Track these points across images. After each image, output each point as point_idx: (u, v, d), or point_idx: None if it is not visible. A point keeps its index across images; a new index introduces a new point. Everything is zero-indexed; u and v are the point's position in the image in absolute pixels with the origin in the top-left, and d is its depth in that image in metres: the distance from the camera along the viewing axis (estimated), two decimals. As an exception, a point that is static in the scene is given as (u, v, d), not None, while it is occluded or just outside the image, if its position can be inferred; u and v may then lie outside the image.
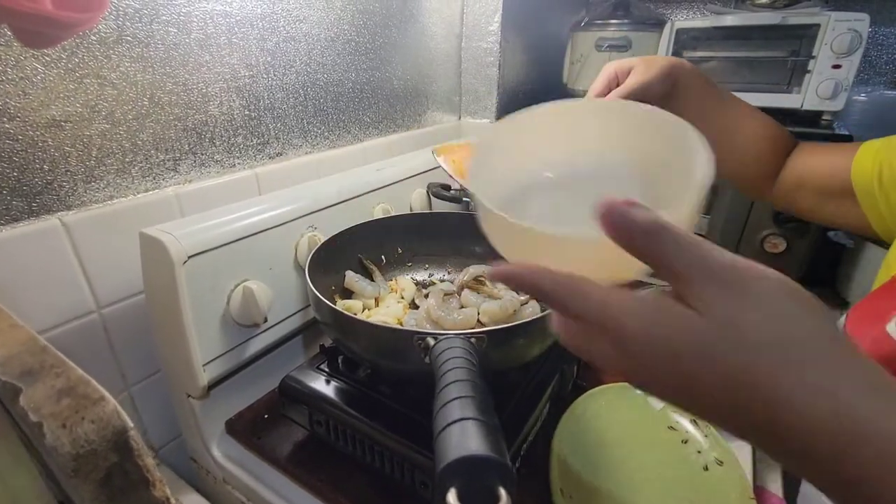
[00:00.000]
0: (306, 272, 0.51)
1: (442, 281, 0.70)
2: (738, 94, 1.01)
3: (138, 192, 0.58)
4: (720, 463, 0.53)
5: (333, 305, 0.46)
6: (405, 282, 0.68)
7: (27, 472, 0.28)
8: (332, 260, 0.62)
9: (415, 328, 0.53)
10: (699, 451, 0.55)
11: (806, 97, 0.94)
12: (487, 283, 0.66)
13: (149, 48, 0.54)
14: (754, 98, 1.00)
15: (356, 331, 0.46)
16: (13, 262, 0.48)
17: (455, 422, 0.26)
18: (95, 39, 0.50)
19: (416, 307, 0.64)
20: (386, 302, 0.63)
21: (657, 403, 0.61)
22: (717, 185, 0.96)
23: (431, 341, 0.37)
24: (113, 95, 0.53)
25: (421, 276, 0.71)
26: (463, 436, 0.25)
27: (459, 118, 1.17)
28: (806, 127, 0.92)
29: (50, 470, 0.27)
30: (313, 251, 0.56)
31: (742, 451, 0.61)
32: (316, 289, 0.50)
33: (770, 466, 0.70)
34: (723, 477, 0.52)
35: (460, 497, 0.23)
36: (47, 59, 0.47)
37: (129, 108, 0.54)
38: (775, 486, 0.67)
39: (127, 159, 0.56)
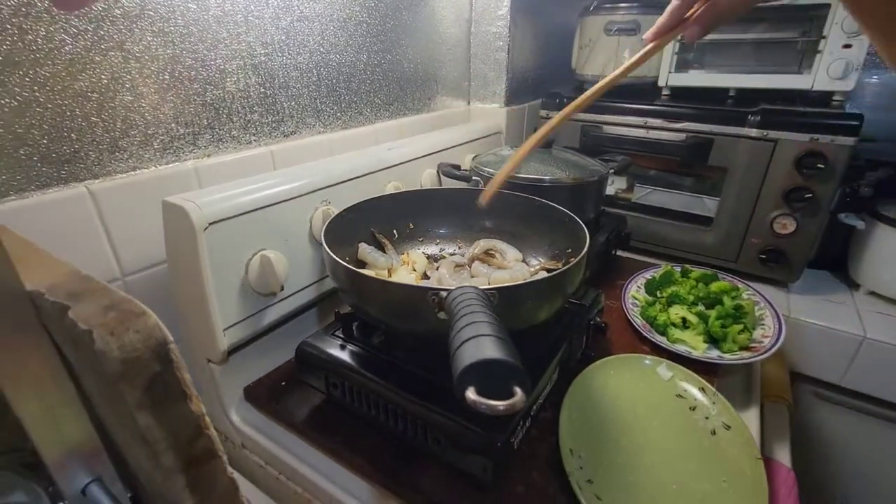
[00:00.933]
0: (322, 239, 0.53)
1: (452, 255, 0.71)
2: (747, 76, 1.02)
3: (160, 165, 0.60)
4: (727, 427, 0.54)
5: (350, 266, 0.48)
6: (416, 255, 0.69)
7: (77, 415, 0.29)
8: (345, 232, 0.64)
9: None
10: (707, 418, 0.56)
11: (816, 78, 0.94)
12: (497, 255, 0.67)
13: (169, 23, 0.56)
14: (764, 80, 1.01)
15: (371, 290, 0.48)
16: (42, 227, 0.50)
17: (470, 339, 0.27)
18: (119, 13, 0.52)
19: (428, 278, 0.65)
20: (398, 273, 0.65)
21: (665, 373, 0.62)
22: (727, 168, 0.96)
23: (444, 294, 0.39)
24: (136, 68, 0.55)
25: (432, 250, 0.73)
26: (478, 347, 0.27)
27: (468, 103, 1.18)
28: (817, 107, 0.92)
29: (87, 398, 0.29)
30: (328, 220, 0.58)
31: (750, 423, 0.62)
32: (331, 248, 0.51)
33: (779, 438, 0.71)
34: (731, 440, 0.52)
35: (479, 393, 0.25)
36: (74, 30, 0.49)
37: (152, 81, 0.56)
38: (784, 456, 0.68)
39: (149, 131, 0.57)
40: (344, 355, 0.55)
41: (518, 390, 0.25)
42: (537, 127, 1.21)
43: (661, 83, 1.09)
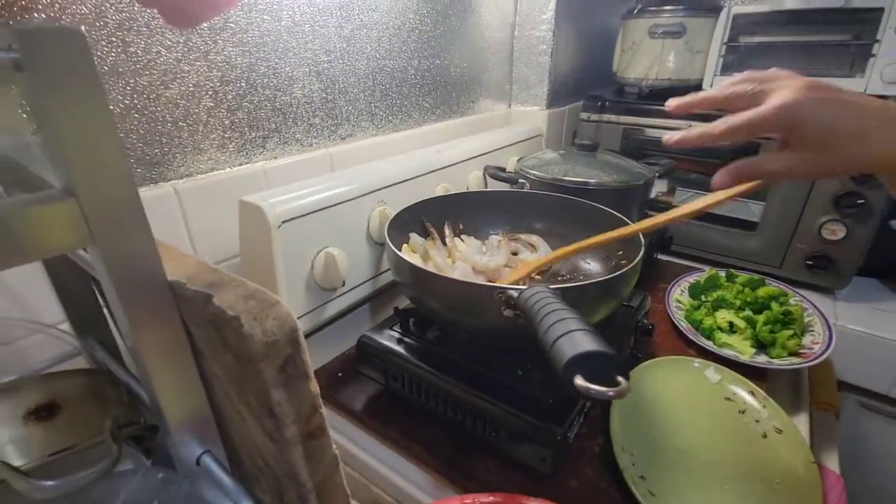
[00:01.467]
0: (386, 236, 0.56)
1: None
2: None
3: (234, 166, 0.64)
4: (779, 431, 0.55)
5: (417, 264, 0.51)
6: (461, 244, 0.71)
7: (196, 387, 0.33)
8: (403, 230, 0.67)
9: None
10: (757, 421, 0.57)
11: (870, 82, 0.93)
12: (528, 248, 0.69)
13: (247, 34, 0.60)
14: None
15: (437, 287, 0.51)
16: (135, 222, 0.54)
17: (564, 334, 0.30)
18: (206, 26, 0.56)
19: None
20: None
21: (714, 376, 0.62)
22: (774, 171, 0.95)
23: (515, 293, 0.41)
24: (217, 77, 0.59)
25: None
26: (573, 342, 0.29)
27: (510, 106, 1.20)
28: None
29: (204, 378, 0.33)
30: (390, 219, 0.61)
31: (799, 428, 0.62)
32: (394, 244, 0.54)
33: (827, 444, 0.70)
34: (783, 442, 0.53)
35: (586, 380, 0.27)
36: (168, 43, 0.53)
37: (230, 88, 0.60)
38: (833, 463, 0.68)
39: (226, 135, 0.62)
40: (401, 348, 0.59)
41: (621, 378, 0.28)
42: (576, 132, 1.22)
43: (705, 86, 1.09)
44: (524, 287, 0.40)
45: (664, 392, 0.61)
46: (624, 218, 0.63)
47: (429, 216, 0.71)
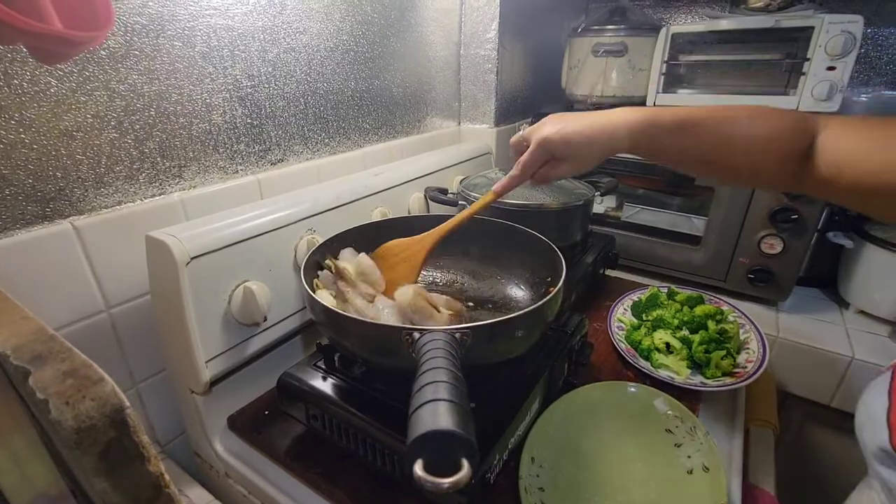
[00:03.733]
0: (301, 273, 0.53)
1: (439, 282, 0.72)
2: (734, 97, 1.03)
3: (145, 198, 0.61)
4: (706, 469, 0.54)
5: (328, 305, 0.49)
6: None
7: (42, 460, 0.30)
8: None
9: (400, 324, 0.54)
10: (689, 456, 0.56)
11: (801, 99, 0.95)
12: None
13: (155, 61, 0.57)
14: (751, 101, 1.01)
15: (348, 328, 0.48)
16: (28, 263, 0.51)
17: (427, 402, 0.28)
18: (105, 54, 0.53)
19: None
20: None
21: (662, 407, 0.61)
22: (714, 187, 0.97)
23: (417, 335, 0.39)
24: (121, 106, 0.56)
25: None
26: (432, 415, 0.27)
27: (459, 123, 1.19)
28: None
29: (61, 457, 0.30)
30: (309, 252, 0.59)
31: (733, 450, 0.62)
32: (311, 288, 0.52)
33: (764, 464, 0.70)
34: (704, 481, 0.52)
35: (426, 468, 0.25)
36: (60, 73, 0.50)
37: (137, 118, 0.57)
38: (769, 483, 0.68)
39: (135, 166, 0.59)
40: (325, 387, 0.56)
41: (465, 464, 0.26)
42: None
43: (648, 103, 1.10)
44: (427, 331, 0.39)
45: (600, 414, 0.60)
46: (552, 244, 0.62)
47: (358, 245, 0.68)
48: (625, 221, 1.13)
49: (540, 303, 0.47)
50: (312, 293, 0.50)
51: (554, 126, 0.54)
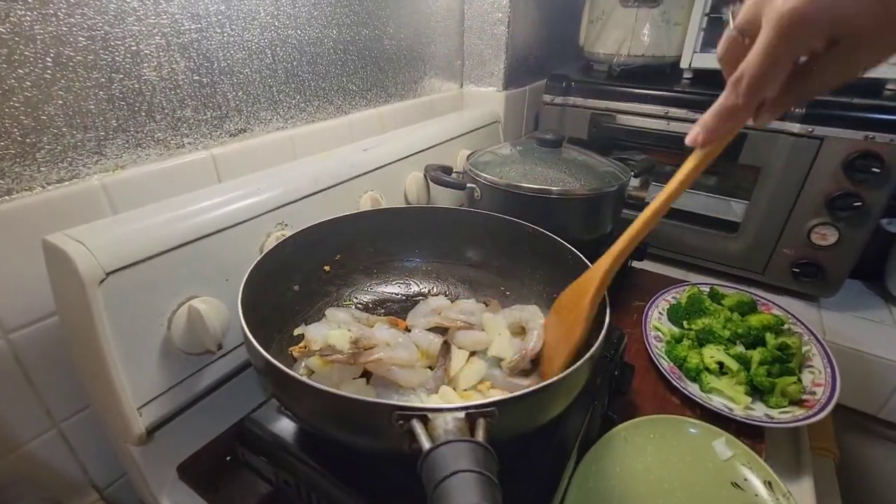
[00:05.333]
0: (240, 296, 0.38)
1: (430, 293, 0.57)
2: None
3: (48, 184, 0.44)
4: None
5: (266, 353, 0.33)
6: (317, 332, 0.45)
7: None
8: (286, 277, 0.49)
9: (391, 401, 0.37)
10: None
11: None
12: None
13: (47, -12, 0.40)
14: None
15: (298, 394, 0.34)
16: None
17: None
18: (-41, -28, 0.36)
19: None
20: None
21: (724, 451, 0.49)
22: (760, 167, 0.83)
23: (427, 444, 0.25)
24: (3, 55, 0.39)
25: (394, 289, 0.58)
26: None
27: (461, 86, 1.02)
28: (866, 98, 0.78)
29: None
30: (254, 263, 0.43)
31: (804, 492, 0.51)
32: (250, 322, 0.36)
33: (829, 497, 0.60)
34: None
35: None
36: None
37: (26, 71, 0.40)
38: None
39: (28, 140, 0.42)
40: (297, 438, 0.42)
41: None
42: (539, 114, 1.05)
43: (683, 64, 0.94)
44: (435, 442, 0.25)
45: (650, 461, 0.48)
46: (581, 255, 0.47)
47: (322, 249, 0.53)
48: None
49: (573, 367, 0.33)
50: (248, 330, 0.35)
51: None
